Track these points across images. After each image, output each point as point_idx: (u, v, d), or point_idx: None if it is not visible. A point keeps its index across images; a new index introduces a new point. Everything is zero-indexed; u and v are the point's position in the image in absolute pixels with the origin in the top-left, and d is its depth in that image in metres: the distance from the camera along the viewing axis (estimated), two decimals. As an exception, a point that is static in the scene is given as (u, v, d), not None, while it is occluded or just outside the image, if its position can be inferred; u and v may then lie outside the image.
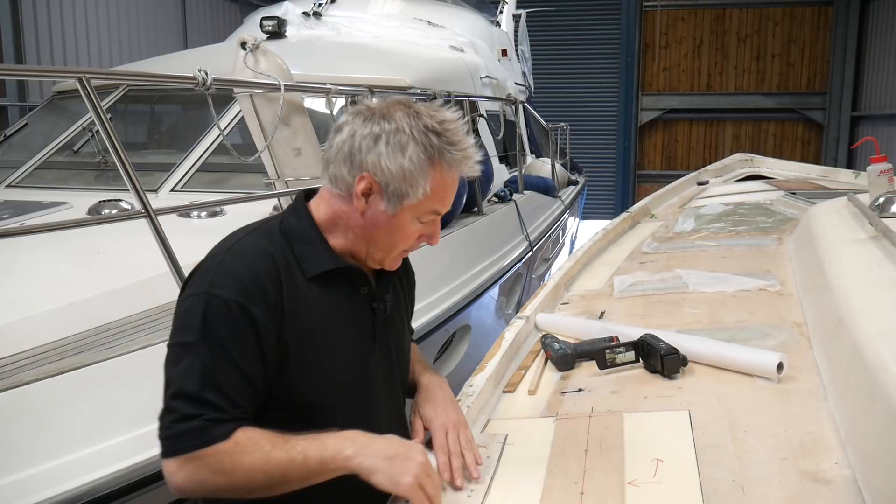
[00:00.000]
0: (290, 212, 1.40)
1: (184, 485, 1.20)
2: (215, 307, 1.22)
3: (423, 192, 1.29)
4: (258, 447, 1.20)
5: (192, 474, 1.19)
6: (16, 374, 1.86)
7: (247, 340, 1.23)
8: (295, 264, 1.32)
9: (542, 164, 7.58)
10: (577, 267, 3.26)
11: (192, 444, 1.19)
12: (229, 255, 1.28)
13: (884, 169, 3.02)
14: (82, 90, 2.10)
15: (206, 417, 1.19)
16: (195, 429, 1.19)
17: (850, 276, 2.10)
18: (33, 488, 1.71)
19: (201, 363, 1.21)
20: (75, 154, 4.11)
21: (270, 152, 2.92)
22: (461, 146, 1.32)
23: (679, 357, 1.87)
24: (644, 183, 15.87)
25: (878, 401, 1.34)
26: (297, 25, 5.58)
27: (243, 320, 1.22)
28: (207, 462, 1.19)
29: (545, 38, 14.31)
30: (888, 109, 12.91)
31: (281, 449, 1.21)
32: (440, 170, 1.30)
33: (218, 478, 1.20)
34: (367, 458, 1.23)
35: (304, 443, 1.22)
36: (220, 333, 1.22)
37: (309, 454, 1.21)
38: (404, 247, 1.38)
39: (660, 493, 1.32)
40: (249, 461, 1.20)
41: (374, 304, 1.42)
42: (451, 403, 1.49)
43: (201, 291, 1.24)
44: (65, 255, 2.52)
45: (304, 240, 1.35)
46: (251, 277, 1.25)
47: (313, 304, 1.32)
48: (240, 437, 1.21)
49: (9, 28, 7.84)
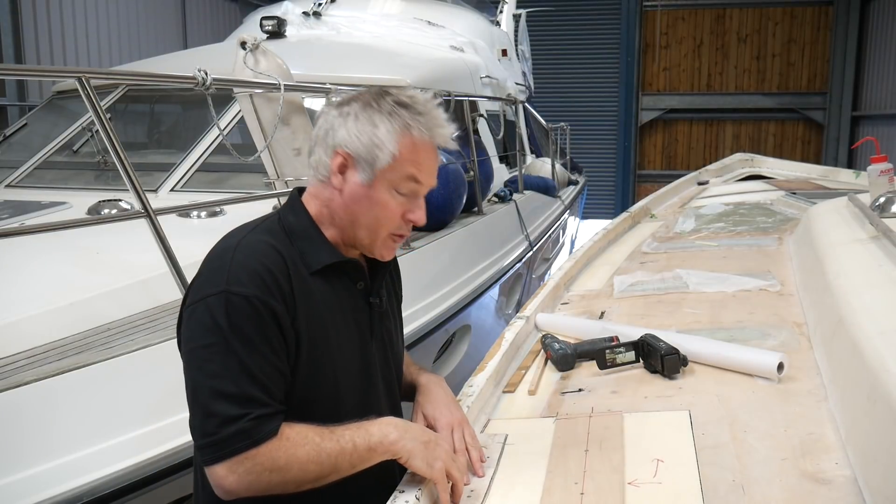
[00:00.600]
0: (288, 209, 1.41)
1: (236, 487, 1.19)
2: (237, 304, 1.21)
3: (391, 155, 1.31)
4: (308, 440, 1.22)
5: (244, 476, 1.18)
6: (16, 374, 1.86)
7: (272, 334, 1.24)
8: (298, 259, 1.33)
9: (542, 164, 7.58)
10: (577, 267, 3.26)
11: (243, 445, 1.18)
12: (238, 252, 1.28)
13: (884, 169, 3.02)
14: (82, 90, 2.10)
15: (253, 416, 1.19)
16: (244, 430, 1.18)
17: (851, 276, 2.10)
18: (33, 488, 1.72)
19: (237, 361, 1.20)
20: (75, 154, 4.11)
21: (270, 152, 2.92)
22: (431, 115, 1.34)
23: (679, 357, 1.87)
24: (644, 183, 15.88)
25: (879, 401, 1.34)
26: (297, 25, 5.58)
27: (266, 314, 1.23)
28: (261, 461, 1.19)
29: (545, 38, 14.32)
30: (888, 109, 12.91)
31: (330, 440, 1.23)
32: (408, 134, 1.32)
33: (272, 475, 1.20)
34: (409, 441, 1.27)
35: (349, 432, 1.25)
36: (247, 329, 1.21)
37: (357, 441, 1.24)
38: (389, 226, 1.36)
39: (660, 493, 1.31)
40: (304, 454, 1.21)
41: (371, 299, 1.44)
42: (452, 402, 1.50)
43: (219, 291, 1.22)
44: (65, 255, 2.52)
45: (304, 235, 1.36)
46: (265, 271, 1.25)
47: (319, 297, 1.33)
48: (288, 431, 1.22)
49: (8, 28, 7.84)
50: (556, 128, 8.54)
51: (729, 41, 15.69)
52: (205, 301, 1.23)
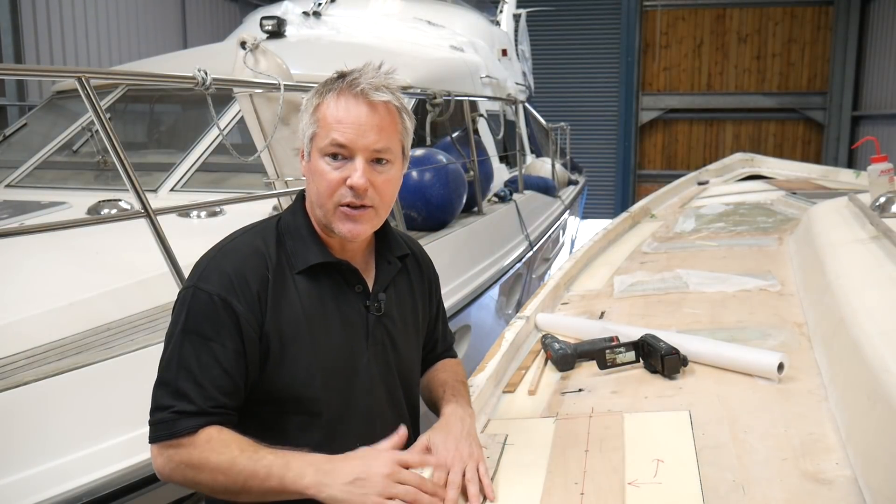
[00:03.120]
0: (289, 210, 1.45)
1: (161, 470, 1.27)
2: (200, 299, 1.28)
3: (314, 123, 1.33)
4: (227, 450, 1.22)
5: (167, 462, 1.26)
6: (15, 374, 1.86)
7: (227, 333, 1.27)
8: (285, 260, 1.36)
9: (542, 164, 7.57)
10: (577, 267, 3.26)
11: (163, 433, 1.25)
12: (220, 252, 1.35)
13: (884, 169, 3.02)
14: (81, 90, 2.10)
15: (175, 409, 1.24)
16: (165, 420, 1.25)
17: (851, 276, 2.10)
18: (33, 488, 1.71)
19: (179, 353, 1.27)
20: (74, 154, 4.11)
21: (270, 152, 2.92)
22: (353, 74, 1.35)
23: (679, 357, 1.87)
24: (644, 183, 15.87)
25: (879, 401, 1.34)
26: (297, 25, 5.57)
27: (224, 314, 1.27)
28: (179, 453, 1.24)
29: (545, 38, 14.32)
30: (889, 109, 12.90)
31: (248, 458, 1.22)
32: (325, 97, 1.34)
33: (187, 471, 1.24)
34: (326, 487, 1.19)
35: (272, 457, 1.22)
36: (203, 326, 1.27)
37: (273, 471, 1.21)
38: (331, 195, 1.32)
39: (660, 493, 1.31)
40: (216, 461, 1.22)
41: (367, 303, 1.42)
42: (465, 437, 1.38)
43: (190, 285, 1.31)
44: (64, 255, 2.52)
45: (297, 236, 1.39)
46: (236, 273, 1.30)
47: (298, 297, 1.35)
48: (213, 434, 1.24)
49: (8, 28, 7.83)
50: (556, 128, 8.54)
51: (729, 41, 15.69)
52: (180, 293, 1.33)
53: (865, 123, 14.31)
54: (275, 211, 3.22)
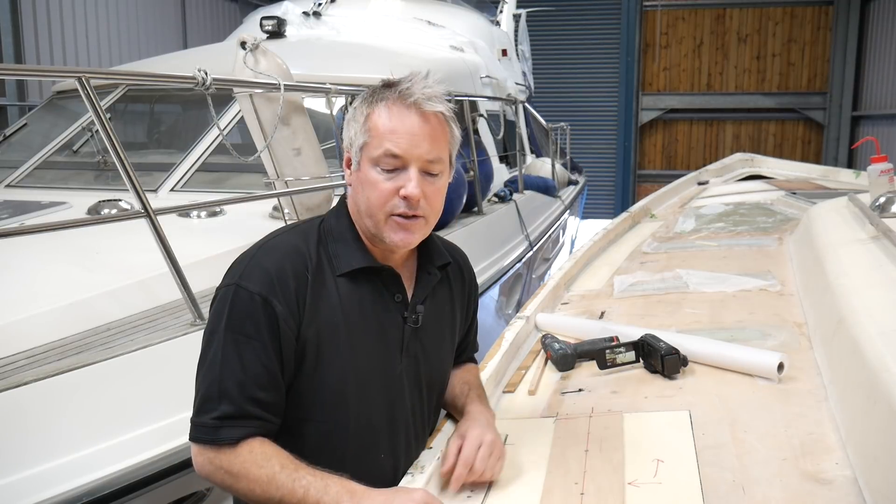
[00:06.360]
0: (333, 211, 1.45)
1: (200, 470, 1.28)
2: (242, 298, 1.27)
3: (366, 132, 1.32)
4: (268, 464, 1.23)
5: (206, 464, 1.26)
6: (15, 374, 1.86)
7: (268, 333, 1.27)
8: (327, 262, 1.35)
9: (542, 164, 7.57)
10: (577, 267, 3.26)
11: (205, 438, 1.25)
12: (261, 250, 1.34)
13: (884, 169, 3.02)
14: (82, 90, 2.10)
15: (218, 415, 1.24)
16: (208, 425, 1.24)
17: (851, 276, 2.10)
18: (33, 488, 1.71)
19: (223, 352, 1.26)
20: (75, 154, 4.11)
21: (270, 152, 2.92)
22: (404, 83, 1.34)
23: (679, 357, 1.87)
24: (644, 183, 15.87)
25: (879, 401, 1.34)
26: (297, 25, 5.57)
27: (265, 313, 1.27)
28: (219, 458, 1.24)
29: (545, 38, 14.31)
30: (889, 109, 12.90)
31: (288, 475, 1.22)
32: (376, 107, 1.33)
33: (226, 477, 1.24)
34: None
35: (311, 479, 1.22)
36: (244, 324, 1.26)
37: (310, 492, 1.21)
38: (383, 205, 1.31)
39: (660, 493, 1.31)
40: (256, 474, 1.22)
41: (405, 314, 1.41)
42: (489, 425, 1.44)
43: (231, 283, 1.30)
44: (64, 255, 2.52)
45: (340, 238, 1.38)
46: (277, 271, 1.29)
47: (338, 300, 1.34)
48: (255, 446, 1.24)
49: (8, 28, 7.84)
50: (556, 128, 8.53)
51: (729, 41, 15.68)
52: (221, 290, 1.31)
53: (865, 123, 14.31)
54: (275, 211, 3.22)
